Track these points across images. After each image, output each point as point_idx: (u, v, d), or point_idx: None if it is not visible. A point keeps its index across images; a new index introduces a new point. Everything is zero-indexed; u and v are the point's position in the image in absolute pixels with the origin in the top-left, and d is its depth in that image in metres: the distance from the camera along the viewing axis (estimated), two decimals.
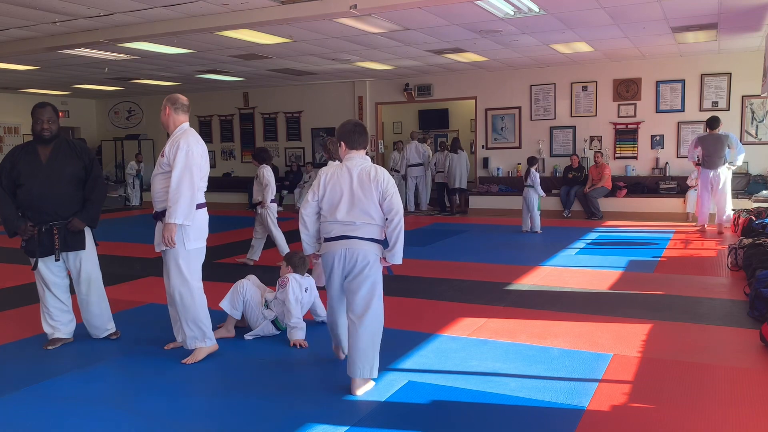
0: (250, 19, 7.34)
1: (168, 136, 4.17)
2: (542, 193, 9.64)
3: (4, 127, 14.93)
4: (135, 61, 10.33)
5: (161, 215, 4.04)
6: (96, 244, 4.59)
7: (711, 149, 9.00)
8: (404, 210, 14.94)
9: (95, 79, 12.59)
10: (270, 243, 7.28)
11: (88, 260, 4.47)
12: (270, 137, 15.03)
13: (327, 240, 3.59)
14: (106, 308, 4.58)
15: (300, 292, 4.49)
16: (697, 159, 9.41)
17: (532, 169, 9.57)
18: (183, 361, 4.04)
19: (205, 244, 4.16)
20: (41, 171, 4.26)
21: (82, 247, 4.42)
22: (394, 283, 6.30)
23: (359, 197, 3.50)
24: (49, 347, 4.37)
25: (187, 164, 3.93)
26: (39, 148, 4.31)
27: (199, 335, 4.09)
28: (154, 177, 4.11)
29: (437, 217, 12.21)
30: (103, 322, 4.56)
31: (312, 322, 4.78)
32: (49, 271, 4.37)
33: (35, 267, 4.34)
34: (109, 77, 12.37)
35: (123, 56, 9.81)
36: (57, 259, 4.34)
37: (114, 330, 4.59)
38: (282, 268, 4.70)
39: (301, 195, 13.79)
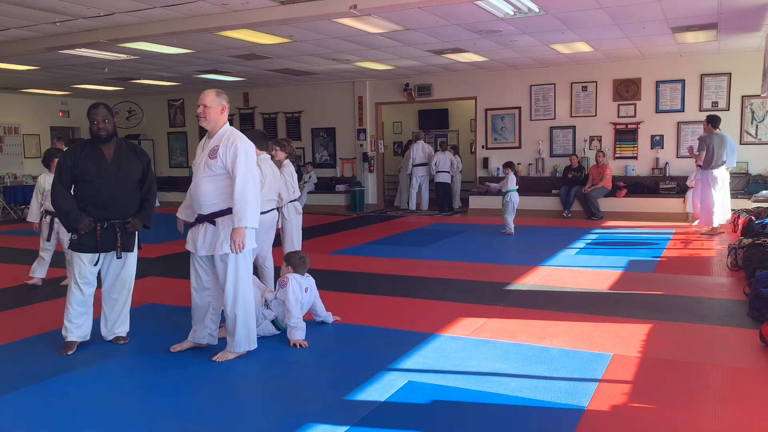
0: (250, 19, 7.34)
1: (198, 134, 4.14)
2: (497, 188, 9.89)
3: (4, 127, 14.93)
4: (135, 61, 10.33)
5: (207, 218, 4.02)
6: (140, 248, 4.62)
7: (719, 149, 8.94)
8: (405, 209, 14.89)
9: (95, 79, 12.58)
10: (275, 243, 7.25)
11: (131, 263, 4.53)
12: (270, 137, 14.99)
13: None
14: (128, 311, 4.59)
15: (300, 292, 4.49)
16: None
17: (512, 173, 9.58)
18: (214, 359, 4.07)
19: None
20: (109, 170, 4.29)
21: (132, 248, 4.48)
22: (393, 282, 6.31)
23: None
24: (69, 352, 4.30)
25: (248, 167, 3.94)
26: (102, 147, 4.34)
27: (246, 339, 4.11)
28: (202, 179, 4.01)
29: (437, 217, 12.22)
30: (121, 324, 4.55)
31: (312, 322, 4.78)
32: (89, 269, 4.36)
33: (97, 262, 4.35)
34: (109, 77, 12.37)
35: (123, 56, 9.81)
36: (119, 257, 4.38)
37: (125, 335, 4.57)
38: (282, 268, 4.71)
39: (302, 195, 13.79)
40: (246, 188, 3.91)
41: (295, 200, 6.18)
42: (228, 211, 3.99)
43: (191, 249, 4.14)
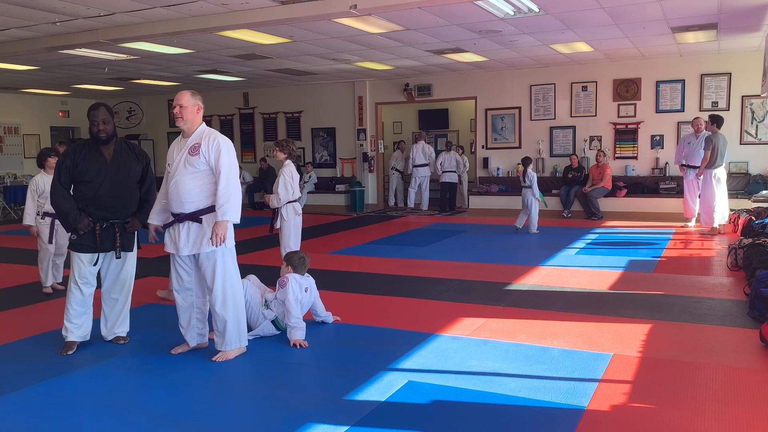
0: (250, 19, 7.34)
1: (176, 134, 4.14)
2: (537, 195, 9.52)
3: (4, 127, 14.93)
4: (135, 61, 10.33)
5: (189, 216, 4.01)
6: (139, 247, 4.63)
7: (722, 149, 8.96)
8: (404, 209, 14.90)
9: (95, 79, 12.59)
10: (273, 243, 7.28)
11: (131, 263, 4.54)
12: (270, 137, 15.03)
13: None
14: (128, 311, 4.60)
15: (300, 292, 4.49)
16: (684, 162, 9.58)
17: (529, 169, 9.57)
18: (214, 359, 4.07)
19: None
20: (108, 170, 4.30)
21: (132, 248, 4.50)
22: (393, 282, 6.31)
23: None
24: (69, 352, 4.30)
25: (231, 164, 3.97)
26: (102, 148, 4.34)
27: (237, 336, 4.12)
28: (183, 176, 3.99)
29: (437, 217, 12.22)
30: (121, 324, 4.56)
31: (312, 322, 4.78)
32: (88, 269, 4.36)
33: (97, 262, 4.35)
34: (109, 77, 12.37)
35: (123, 56, 9.81)
36: (118, 257, 4.39)
37: (125, 335, 4.58)
38: (282, 268, 4.71)
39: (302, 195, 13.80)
40: (230, 183, 3.94)
41: (294, 201, 6.18)
42: (212, 209, 3.98)
43: (172, 250, 4.11)
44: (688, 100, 11.16)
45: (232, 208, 3.92)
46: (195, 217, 4.01)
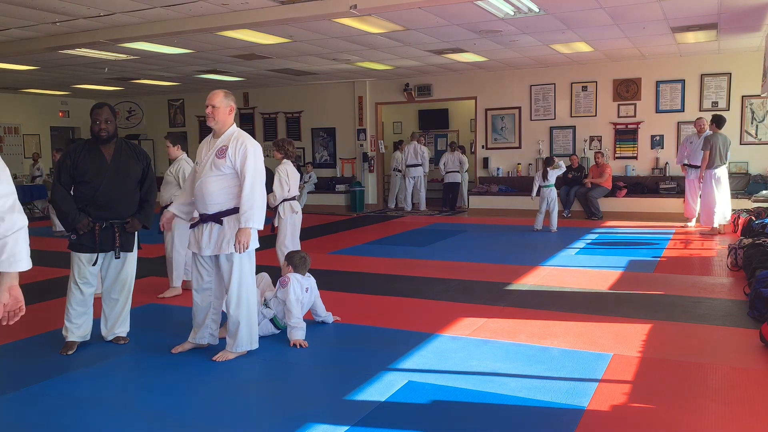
0: (250, 19, 7.34)
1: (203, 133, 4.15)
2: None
3: (4, 127, 14.93)
4: (135, 61, 10.33)
5: (212, 217, 4.02)
6: (140, 248, 4.63)
7: (722, 148, 8.98)
8: (402, 210, 14.86)
9: (95, 79, 12.58)
10: (273, 243, 7.27)
11: (131, 263, 4.53)
12: (270, 137, 15.02)
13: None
14: (128, 311, 4.60)
15: (301, 291, 4.49)
16: (686, 161, 9.57)
17: (549, 169, 9.62)
18: (214, 359, 4.07)
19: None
20: (108, 170, 4.30)
21: (131, 249, 4.50)
22: (394, 282, 6.31)
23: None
24: (69, 352, 4.29)
25: (257, 169, 3.96)
26: (102, 148, 4.34)
27: (248, 339, 4.13)
28: (208, 178, 4.01)
29: (437, 217, 12.22)
30: (121, 324, 4.55)
31: (312, 322, 4.78)
32: (88, 269, 4.35)
33: (96, 262, 4.35)
34: (109, 77, 12.37)
35: (123, 56, 9.81)
36: (117, 257, 4.39)
37: (125, 335, 4.57)
38: (283, 268, 4.71)
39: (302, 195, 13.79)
40: (254, 189, 3.93)
41: (290, 199, 6.18)
42: (234, 211, 3.99)
43: (195, 249, 4.13)
44: (688, 100, 11.16)
45: (255, 214, 3.92)
46: (217, 218, 4.03)
